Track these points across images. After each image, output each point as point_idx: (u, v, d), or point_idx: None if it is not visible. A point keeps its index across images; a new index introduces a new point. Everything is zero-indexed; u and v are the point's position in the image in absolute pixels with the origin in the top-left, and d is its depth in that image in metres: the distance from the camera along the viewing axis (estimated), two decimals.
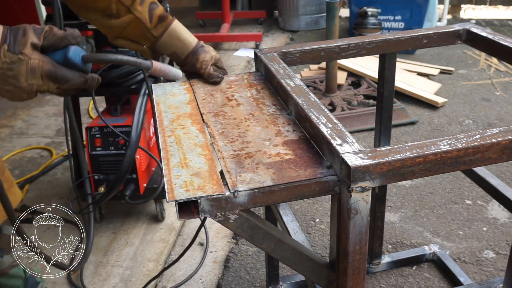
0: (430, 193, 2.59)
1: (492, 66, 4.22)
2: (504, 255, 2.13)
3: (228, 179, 0.92)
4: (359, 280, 0.98)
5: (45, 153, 3.20)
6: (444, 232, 2.29)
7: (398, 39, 1.52)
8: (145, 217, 2.48)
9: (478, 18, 5.71)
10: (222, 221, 0.90)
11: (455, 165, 0.92)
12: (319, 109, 1.07)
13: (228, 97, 1.28)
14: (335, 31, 3.25)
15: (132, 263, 2.19)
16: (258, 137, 1.07)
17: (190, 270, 2.14)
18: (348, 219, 0.90)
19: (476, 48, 1.54)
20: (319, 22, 5.53)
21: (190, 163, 0.97)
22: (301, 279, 1.94)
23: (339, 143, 0.93)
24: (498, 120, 3.33)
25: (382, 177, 0.88)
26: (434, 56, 4.47)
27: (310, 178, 0.91)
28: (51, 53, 0.99)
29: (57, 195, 2.70)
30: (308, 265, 1.05)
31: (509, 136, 0.93)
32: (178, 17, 1.29)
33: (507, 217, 2.37)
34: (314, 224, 2.40)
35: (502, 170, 2.73)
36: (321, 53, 1.48)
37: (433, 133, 3.21)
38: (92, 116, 3.55)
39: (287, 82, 1.21)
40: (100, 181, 2.23)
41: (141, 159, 2.22)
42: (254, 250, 2.24)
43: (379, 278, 2.04)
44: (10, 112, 3.82)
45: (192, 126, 1.13)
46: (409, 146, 0.91)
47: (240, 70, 4.54)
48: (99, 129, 2.20)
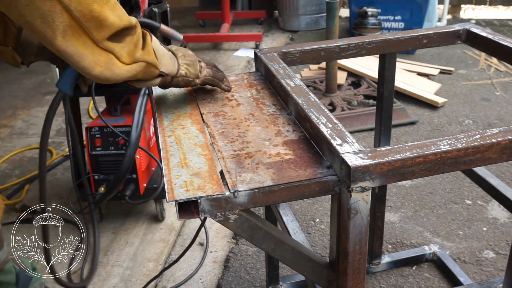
0: (430, 193, 2.59)
1: (492, 66, 4.22)
2: (504, 255, 2.13)
3: (228, 179, 0.92)
4: (359, 280, 0.98)
5: None
6: (444, 232, 2.29)
7: (398, 39, 1.52)
8: (145, 217, 2.48)
9: (478, 18, 5.71)
10: (222, 221, 0.90)
11: (455, 165, 0.92)
12: (319, 109, 1.07)
13: (228, 97, 1.28)
14: (335, 31, 3.25)
15: (132, 263, 2.19)
16: (258, 137, 1.07)
17: (190, 270, 2.14)
18: (348, 219, 0.90)
19: (476, 48, 1.54)
20: (319, 22, 5.53)
21: (190, 163, 0.97)
22: (301, 279, 1.94)
23: (339, 143, 0.93)
24: (498, 120, 3.33)
25: (382, 177, 0.88)
26: (434, 56, 4.47)
27: (310, 178, 0.91)
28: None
29: (57, 195, 2.70)
30: (308, 265, 1.05)
31: (509, 136, 0.93)
32: (178, 17, 1.29)
33: (507, 217, 2.37)
34: (314, 224, 2.40)
35: (502, 170, 2.73)
36: (321, 53, 1.48)
37: (433, 133, 3.21)
38: (92, 116, 3.55)
39: (287, 82, 1.21)
40: (100, 181, 2.23)
41: (141, 159, 2.22)
42: (254, 250, 2.24)
43: (379, 278, 2.04)
44: (10, 112, 3.82)
45: (192, 126, 1.13)
46: (409, 146, 0.91)
47: (240, 70, 4.54)
48: (99, 129, 2.20)
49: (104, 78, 1.00)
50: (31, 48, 1.21)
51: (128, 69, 1.02)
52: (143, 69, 1.06)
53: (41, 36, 0.93)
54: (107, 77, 1.00)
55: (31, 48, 1.22)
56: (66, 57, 0.96)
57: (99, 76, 0.99)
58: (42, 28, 0.91)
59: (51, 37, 0.92)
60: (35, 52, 1.23)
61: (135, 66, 1.04)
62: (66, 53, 0.95)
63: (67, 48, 0.94)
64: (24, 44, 1.20)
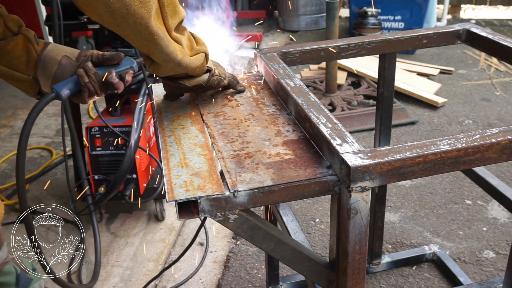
0: (430, 193, 2.59)
1: (492, 66, 4.22)
2: (504, 255, 2.13)
3: (228, 179, 0.92)
4: (359, 280, 0.98)
5: (45, 153, 3.20)
6: (444, 232, 2.29)
7: (398, 39, 1.52)
8: (145, 217, 2.48)
9: (478, 18, 5.71)
10: (222, 221, 0.90)
11: (455, 165, 0.92)
12: (319, 109, 1.07)
13: (228, 97, 1.28)
14: (335, 31, 3.25)
15: (132, 263, 2.19)
16: (258, 137, 1.07)
17: (190, 270, 2.14)
18: (348, 219, 0.90)
19: (476, 48, 1.54)
20: (319, 22, 5.53)
21: (190, 163, 0.97)
22: (301, 279, 1.94)
23: (339, 143, 0.93)
24: (498, 120, 3.33)
25: (382, 177, 0.88)
26: (434, 56, 4.47)
27: (310, 178, 0.91)
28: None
29: (57, 195, 2.70)
30: (308, 265, 1.05)
31: (509, 136, 0.93)
32: None
33: (507, 217, 2.37)
34: (314, 224, 2.40)
35: (502, 170, 2.73)
36: (321, 53, 1.48)
37: (433, 133, 3.21)
38: (92, 116, 3.55)
39: (287, 82, 1.20)
40: (100, 181, 2.23)
41: (141, 159, 2.22)
42: (254, 250, 2.23)
43: (379, 278, 2.04)
44: (10, 112, 3.82)
45: (192, 126, 1.13)
46: (409, 146, 0.91)
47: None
48: (99, 129, 2.20)
49: (184, 64, 1.05)
50: (49, 73, 1.19)
51: (196, 58, 1.08)
52: (204, 60, 1.11)
53: (137, 18, 0.92)
54: (186, 63, 1.05)
55: (49, 74, 1.19)
56: (155, 42, 0.97)
57: (181, 61, 1.04)
58: (139, 9, 0.91)
59: (147, 17, 0.92)
60: (52, 77, 1.21)
61: (199, 56, 1.09)
62: (158, 35, 0.96)
63: (159, 30, 0.96)
64: (43, 70, 1.19)
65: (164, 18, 0.97)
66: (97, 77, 1.16)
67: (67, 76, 1.18)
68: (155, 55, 1.01)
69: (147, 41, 0.97)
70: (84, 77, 1.16)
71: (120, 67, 1.17)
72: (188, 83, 1.15)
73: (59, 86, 1.15)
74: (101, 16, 0.92)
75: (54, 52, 1.18)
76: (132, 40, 0.98)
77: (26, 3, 4.09)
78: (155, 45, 0.98)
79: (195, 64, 1.08)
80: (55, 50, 1.18)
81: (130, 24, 0.93)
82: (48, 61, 1.17)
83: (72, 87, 1.15)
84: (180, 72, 1.08)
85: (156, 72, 1.08)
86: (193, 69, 1.09)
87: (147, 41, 0.97)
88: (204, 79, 1.16)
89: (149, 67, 1.08)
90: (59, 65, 1.17)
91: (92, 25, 2.15)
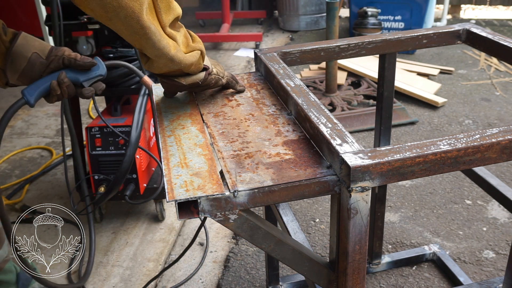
0: (430, 193, 2.59)
1: (492, 66, 4.22)
2: (504, 255, 2.13)
3: (228, 179, 0.92)
4: (359, 280, 0.98)
5: (45, 153, 3.20)
6: (444, 232, 2.29)
7: (398, 39, 1.52)
8: (145, 217, 2.48)
9: (478, 18, 5.71)
10: (222, 221, 0.90)
11: (455, 165, 0.92)
12: (319, 109, 1.07)
13: (228, 97, 1.28)
14: (335, 31, 3.25)
15: (132, 263, 2.19)
16: (258, 137, 1.07)
17: (190, 270, 2.14)
18: (348, 219, 0.90)
19: (476, 48, 1.54)
20: (319, 22, 5.53)
21: (190, 163, 0.97)
22: (301, 279, 1.94)
23: (339, 143, 0.93)
24: (498, 120, 3.33)
25: (382, 177, 0.88)
26: (434, 56, 4.47)
27: (310, 178, 0.91)
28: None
29: (57, 195, 2.70)
30: (308, 265, 1.05)
31: (509, 136, 0.93)
32: None
33: (507, 217, 2.37)
34: (314, 224, 2.40)
35: (502, 170, 2.73)
36: (321, 53, 1.48)
37: (433, 133, 3.21)
38: (92, 116, 3.55)
39: (287, 82, 1.21)
40: (100, 181, 2.23)
41: (141, 159, 2.23)
42: (254, 250, 2.24)
43: (379, 278, 2.04)
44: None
45: (192, 126, 1.13)
46: (409, 146, 0.91)
47: (240, 70, 4.54)
48: (99, 129, 2.20)
49: (177, 59, 1.04)
50: (17, 68, 1.18)
51: (190, 55, 1.08)
52: (199, 58, 1.11)
53: (128, 12, 0.92)
54: (180, 59, 1.05)
55: (17, 69, 1.18)
56: (147, 36, 0.97)
57: (174, 57, 1.03)
58: (131, 3, 0.92)
59: (139, 11, 0.93)
60: (19, 72, 1.19)
61: (194, 53, 1.09)
62: (150, 30, 0.96)
63: (151, 25, 0.96)
64: (11, 64, 1.18)
65: (158, 13, 0.98)
66: (69, 89, 1.17)
67: (35, 73, 1.18)
68: (147, 50, 1.01)
69: (139, 35, 0.97)
70: (57, 90, 1.16)
71: (90, 74, 1.17)
72: (184, 81, 1.14)
73: (30, 92, 1.14)
74: (94, 10, 0.93)
75: (24, 48, 1.16)
76: (124, 35, 0.98)
77: (26, 3, 4.09)
78: (147, 39, 0.98)
79: (189, 61, 1.08)
80: (25, 45, 1.16)
81: (121, 18, 0.93)
82: (16, 57, 1.16)
83: (42, 93, 1.16)
84: (174, 68, 1.08)
85: (151, 68, 1.08)
86: (187, 66, 1.09)
87: (139, 35, 0.97)
88: (201, 77, 1.16)
89: (144, 64, 1.08)
90: (28, 61, 1.16)
91: (92, 25, 2.14)
